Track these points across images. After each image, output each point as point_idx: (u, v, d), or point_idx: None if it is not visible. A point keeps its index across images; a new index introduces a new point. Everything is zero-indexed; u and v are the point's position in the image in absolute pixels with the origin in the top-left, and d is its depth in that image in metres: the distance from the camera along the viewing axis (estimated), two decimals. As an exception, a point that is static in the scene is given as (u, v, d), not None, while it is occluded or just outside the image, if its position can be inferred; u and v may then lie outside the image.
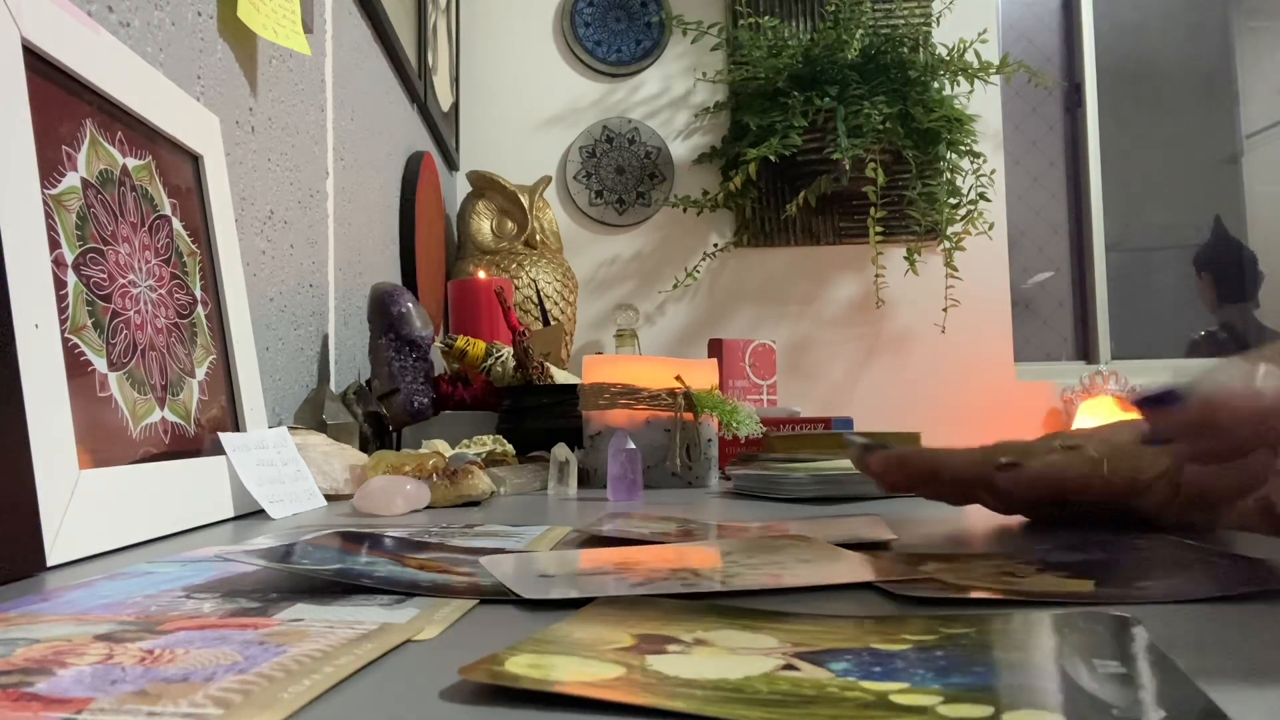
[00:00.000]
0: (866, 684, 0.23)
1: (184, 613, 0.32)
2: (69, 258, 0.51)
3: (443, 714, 0.22)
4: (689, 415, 0.94)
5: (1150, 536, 0.47)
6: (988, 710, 0.21)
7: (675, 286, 2.51)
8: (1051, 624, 0.29)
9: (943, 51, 2.43)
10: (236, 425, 0.72)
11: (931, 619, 0.30)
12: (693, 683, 0.23)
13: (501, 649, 0.26)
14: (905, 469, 0.50)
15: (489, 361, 1.23)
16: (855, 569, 0.38)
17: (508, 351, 1.23)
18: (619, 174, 2.56)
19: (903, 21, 2.52)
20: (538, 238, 2.18)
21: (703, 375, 0.98)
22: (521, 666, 0.24)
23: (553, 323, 1.96)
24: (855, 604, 0.34)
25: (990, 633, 0.28)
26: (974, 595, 0.34)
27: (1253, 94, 3.20)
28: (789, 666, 0.25)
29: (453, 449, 0.92)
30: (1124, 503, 0.49)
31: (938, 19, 2.54)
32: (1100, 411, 2.43)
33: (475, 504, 0.76)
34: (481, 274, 1.84)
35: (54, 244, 0.50)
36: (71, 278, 0.51)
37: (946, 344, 2.49)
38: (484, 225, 2.18)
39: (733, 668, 0.25)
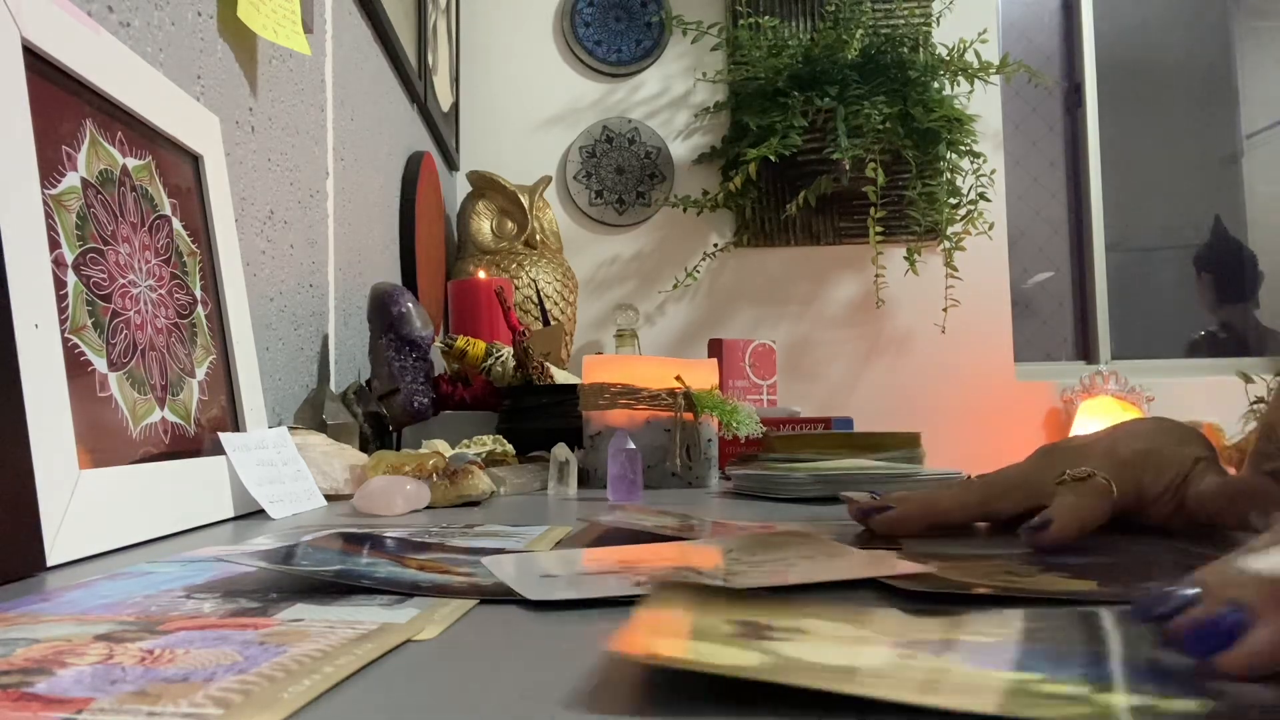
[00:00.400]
0: (1000, 673, 0.23)
1: (184, 613, 0.32)
2: (69, 258, 0.51)
3: (442, 713, 0.22)
4: (689, 415, 0.94)
5: (1154, 540, 0.47)
6: (1148, 699, 0.21)
7: (675, 286, 2.51)
8: (1120, 617, 0.30)
9: (943, 51, 2.43)
10: (236, 425, 0.72)
11: (983, 616, 0.30)
12: (852, 669, 0.23)
13: (644, 633, 0.25)
14: (906, 527, 0.50)
15: (489, 361, 1.23)
16: (859, 566, 0.38)
17: (508, 351, 1.23)
18: (619, 174, 2.56)
19: (903, 21, 2.53)
20: (538, 238, 2.18)
21: (703, 375, 0.98)
22: (680, 650, 0.24)
23: (553, 323, 1.96)
24: (854, 601, 0.34)
25: (1063, 628, 0.28)
26: (978, 592, 0.34)
27: (1253, 94, 3.20)
28: (908, 656, 0.25)
29: (453, 449, 0.92)
30: (1130, 514, 0.49)
31: (938, 19, 2.54)
32: (1100, 411, 2.43)
33: (475, 504, 0.76)
34: (481, 274, 1.84)
35: (54, 244, 0.49)
36: (71, 278, 0.51)
37: (946, 344, 2.49)
38: (484, 225, 2.18)
39: (863, 656, 0.24)
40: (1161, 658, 0.25)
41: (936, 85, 2.35)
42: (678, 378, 0.95)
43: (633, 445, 0.80)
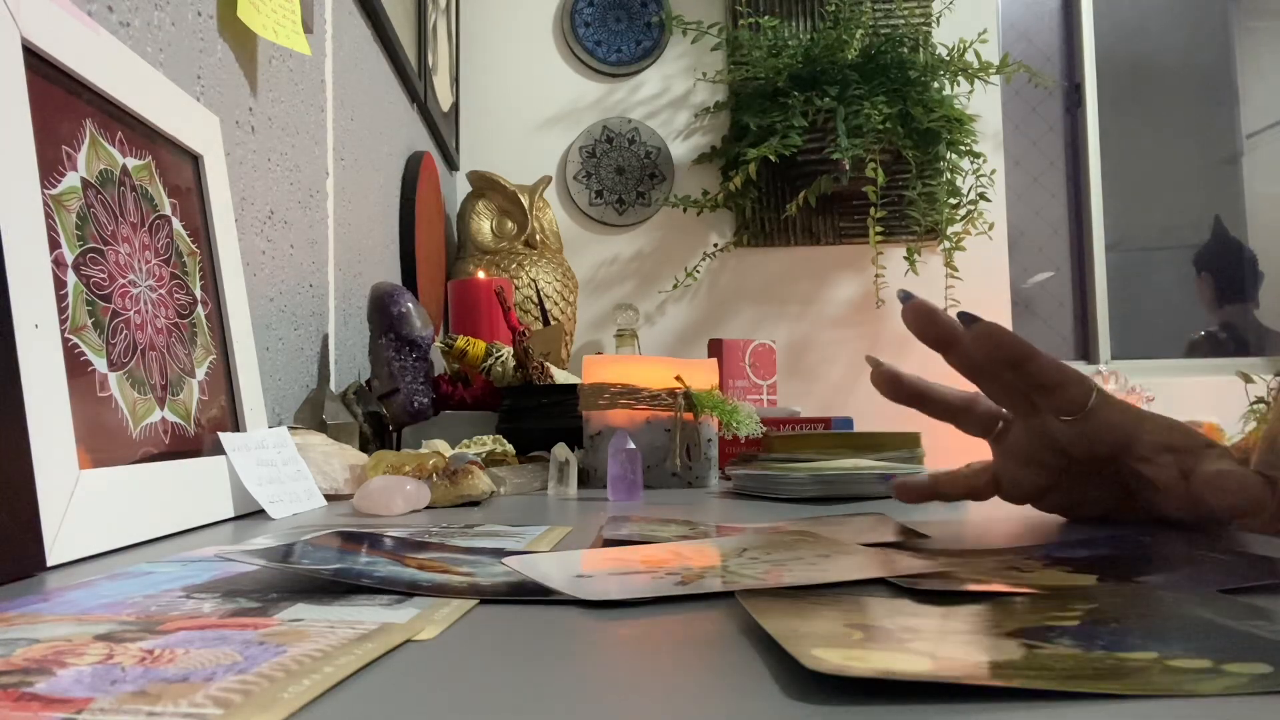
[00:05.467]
0: (1120, 654, 0.24)
1: (184, 613, 0.32)
2: (69, 258, 0.51)
3: (442, 713, 0.22)
4: (689, 415, 0.94)
5: (1156, 534, 0.47)
6: (1267, 668, 0.22)
7: (675, 286, 2.51)
8: (1168, 599, 0.31)
9: (943, 51, 2.43)
10: (236, 425, 0.72)
11: (1038, 602, 0.31)
12: (1005, 664, 0.23)
13: (801, 643, 0.25)
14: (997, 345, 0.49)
15: (489, 361, 1.23)
16: (866, 565, 0.39)
17: (508, 351, 1.23)
18: (619, 174, 2.56)
19: (903, 21, 2.53)
20: (538, 238, 2.18)
21: (703, 375, 0.98)
22: (848, 659, 0.24)
23: (553, 323, 1.96)
24: (879, 596, 0.34)
25: (1124, 606, 0.29)
26: (985, 589, 0.34)
27: (1253, 94, 3.20)
28: (1028, 645, 0.25)
29: (453, 449, 0.92)
30: (1125, 459, 0.49)
31: (938, 19, 2.54)
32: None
33: (475, 504, 0.76)
34: (481, 274, 1.84)
35: (54, 244, 0.49)
36: (71, 278, 0.51)
37: (946, 344, 2.49)
38: (484, 225, 2.18)
39: (991, 650, 0.25)
40: (1230, 624, 0.27)
41: (936, 85, 2.35)
42: (678, 378, 0.95)
43: (633, 445, 0.80)
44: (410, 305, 1.14)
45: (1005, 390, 0.51)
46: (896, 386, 0.54)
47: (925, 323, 0.50)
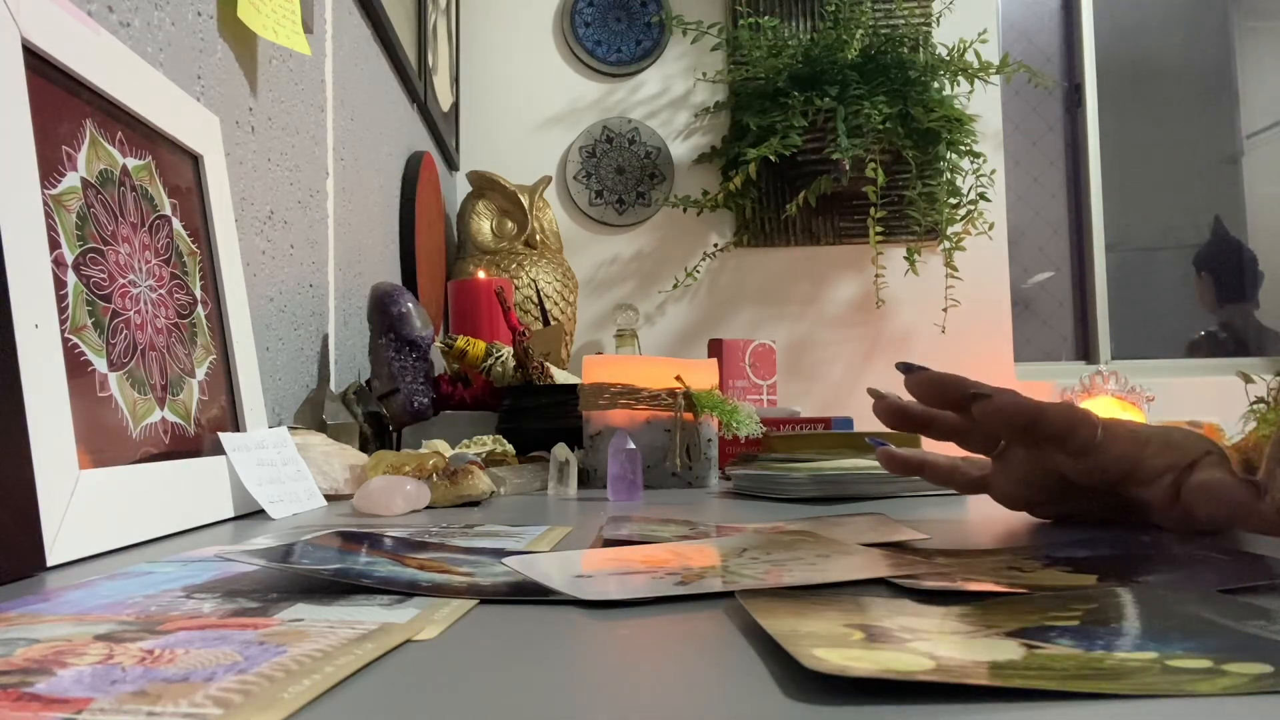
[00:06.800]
0: (1119, 654, 0.24)
1: (184, 613, 0.32)
2: (69, 258, 0.51)
3: (442, 713, 0.22)
4: (689, 415, 0.94)
5: (1156, 534, 0.47)
6: (1267, 668, 0.22)
7: (675, 286, 2.51)
8: (1168, 599, 0.30)
9: (943, 51, 2.43)
10: (236, 425, 0.72)
11: (1038, 602, 0.31)
12: (1005, 664, 0.23)
13: (800, 644, 0.25)
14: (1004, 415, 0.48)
15: (489, 361, 1.23)
16: (867, 565, 0.39)
17: (508, 351, 1.23)
18: (619, 174, 2.56)
19: (903, 21, 2.53)
20: (538, 238, 2.18)
21: (703, 375, 0.98)
22: (848, 659, 0.23)
23: (553, 323, 1.96)
24: (882, 596, 0.34)
25: (1124, 606, 0.29)
26: (986, 589, 0.34)
27: (1253, 94, 3.20)
28: (1027, 646, 0.25)
29: (453, 449, 0.92)
30: (1125, 486, 0.49)
31: (938, 19, 2.54)
32: (1100, 412, 2.43)
33: (475, 504, 0.76)
34: (481, 274, 1.84)
35: (54, 244, 0.49)
36: (71, 278, 0.51)
37: (946, 344, 2.49)
38: (484, 225, 2.18)
39: (991, 650, 0.25)
40: (1228, 624, 0.27)
41: (936, 85, 2.35)
42: (678, 378, 0.95)
43: (633, 445, 0.80)
44: (410, 305, 1.14)
45: (1015, 438, 0.51)
46: (901, 418, 0.54)
47: (934, 394, 0.50)
